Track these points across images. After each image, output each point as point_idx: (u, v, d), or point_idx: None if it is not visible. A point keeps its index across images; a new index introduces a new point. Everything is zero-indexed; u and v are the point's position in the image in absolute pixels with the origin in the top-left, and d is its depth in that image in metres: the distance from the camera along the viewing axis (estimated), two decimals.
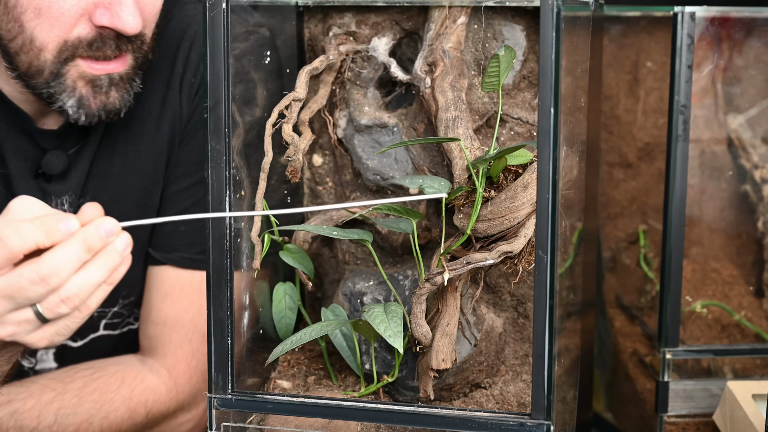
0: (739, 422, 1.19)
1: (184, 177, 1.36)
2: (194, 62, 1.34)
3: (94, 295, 0.98)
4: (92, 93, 1.22)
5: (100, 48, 1.19)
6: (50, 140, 1.31)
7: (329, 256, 1.20)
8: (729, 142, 1.39)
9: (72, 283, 0.96)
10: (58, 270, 0.95)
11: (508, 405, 1.08)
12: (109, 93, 1.22)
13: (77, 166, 1.32)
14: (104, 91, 1.22)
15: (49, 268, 0.95)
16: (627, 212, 1.50)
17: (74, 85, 1.21)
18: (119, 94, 1.23)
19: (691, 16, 1.26)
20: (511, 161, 1.02)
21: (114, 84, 1.22)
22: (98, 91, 1.22)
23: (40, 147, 1.31)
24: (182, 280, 1.36)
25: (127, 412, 1.31)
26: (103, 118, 1.24)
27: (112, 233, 0.97)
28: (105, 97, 1.22)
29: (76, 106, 1.22)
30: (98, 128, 1.32)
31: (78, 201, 1.33)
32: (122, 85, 1.24)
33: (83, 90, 1.21)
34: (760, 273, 1.40)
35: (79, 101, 1.22)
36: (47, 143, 1.31)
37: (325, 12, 1.16)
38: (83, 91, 1.21)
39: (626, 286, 1.50)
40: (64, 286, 0.96)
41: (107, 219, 0.97)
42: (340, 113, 1.17)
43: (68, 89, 1.21)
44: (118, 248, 0.98)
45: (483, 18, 1.11)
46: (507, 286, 1.12)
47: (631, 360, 1.43)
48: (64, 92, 1.21)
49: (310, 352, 1.18)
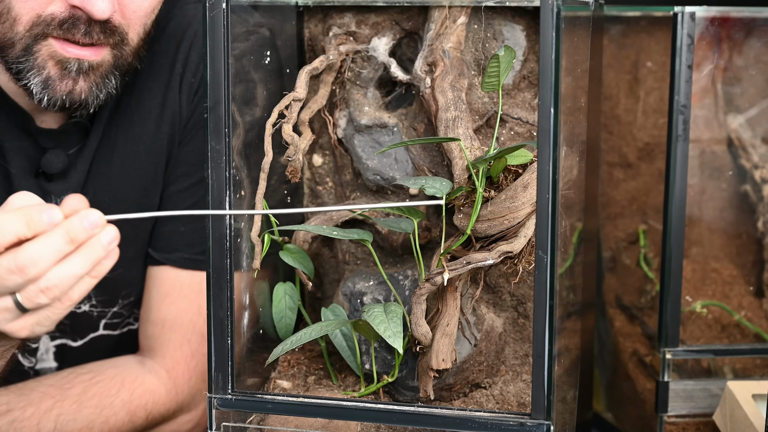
0: (739, 422, 1.19)
1: (184, 177, 1.36)
2: (194, 62, 1.34)
3: (76, 287, 0.98)
4: (59, 75, 1.20)
5: (70, 29, 1.18)
6: (50, 139, 1.31)
7: (329, 256, 1.20)
8: (729, 142, 1.39)
9: (52, 273, 0.96)
10: (37, 260, 0.95)
11: (508, 405, 1.08)
12: (77, 80, 1.20)
13: (77, 166, 1.32)
14: (72, 76, 1.20)
15: (28, 258, 0.94)
16: (627, 212, 1.50)
17: (43, 65, 1.20)
18: (87, 85, 1.21)
19: (691, 16, 1.26)
20: (511, 161, 1.02)
21: (83, 72, 1.20)
22: (66, 74, 1.20)
23: (40, 146, 1.31)
24: (182, 280, 1.36)
25: (127, 416, 1.31)
26: (67, 106, 1.22)
27: (97, 225, 0.97)
28: (72, 83, 1.20)
29: (41, 86, 1.20)
30: (98, 128, 1.32)
31: None
32: (93, 77, 1.22)
33: (52, 71, 1.20)
34: (760, 273, 1.40)
35: (45, 82, 1.20)
36: (47, 142, 1.31)
37: (325, 12, 1.16)
38: (51, 72, 1.20)
39: (626, 286, 1.50)
40: (44, 276, 0.96)
41: (92, 211, 0.97)
42: (340, 113, 1.17)
43: (37, 67, 1.20)
44: (103, 241, 0.97)
45: (483, 18, 1.11)
46: (507, 286, 1.12)
47: (631, 360, 1.43)
48: (32, 70, 1.20)
49: (310, 352, 1.18)
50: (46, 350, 1.40)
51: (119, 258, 1.36)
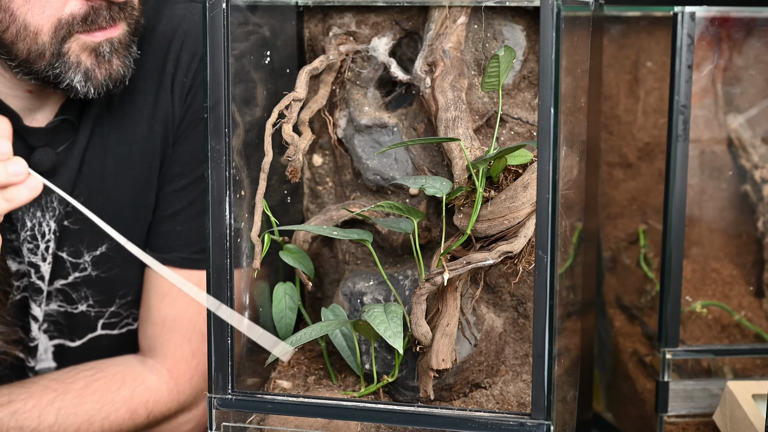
0: (739, 422, 1.19)
1: (179, 177, 1.36)
2: (185, 62, 1.34)
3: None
4: (96, 63, 1.23)
5: (95, 21, 1.20)
6: (39, 137, 1.31)
7: (329, 256, 1.20)
8: (729, 142, 1.39)
9: None
10: None
11: (508, 405, 1.08)
12: (112, 61, 1.23)
13: (66, 164, 1.32)
14: (107, 59, 1.23)
15: None
16: (627, 212, 1.50)
17: (78, 60, 1.22)
18: (120, 61, 1.24)
19: (691, 16, 1.25)
20: (511, 161, 1.02)
21: (115, 50, 1.23)
22: (102, 60, 1.23)
23: (29, 144, 1.31)
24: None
25: (128, 413, 1.31)
26: (111, 87, 1.25)
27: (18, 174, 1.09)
28: (109, 66, 1.23)
29: (83, 80, 1.23)
30: (87, 125, 1.32)
31: None
32: (122, 51, 1.25)
33: (87, 62, 1.22)
34: (760, 273, 1.40)
35: (86, 74, 1.22)
36: (36, 140, 1.31)
37: (325, 12, 1.16)
38: (88, 63, 1.22)
39: (626, 286, 1.50)
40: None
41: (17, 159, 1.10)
42: (340, 113, 1.17)
43: (73, 65, 1.22)
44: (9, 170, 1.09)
45: (483, 18, 1.11)
46: (507, 286, 1.12)
47: (631, 360, 1.43)
48: (69, 69, 1.22)
49: (310, 352, 1.18)
50: (44, 350, 1.40)
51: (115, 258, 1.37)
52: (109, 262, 1.37)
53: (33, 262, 1.34)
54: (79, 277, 1.37)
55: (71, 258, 1.36)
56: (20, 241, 1.33)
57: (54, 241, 1.34)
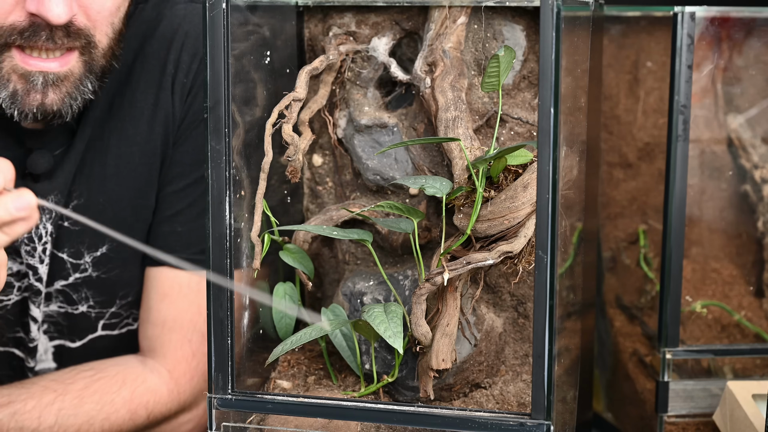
0: (739, 422, 1.19)
1: (180, 178, 1.36)
2: (185, 62, 1.34)
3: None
4: (25, 89, 1.19)
5: (31, 37, 1.16)
6: (35, 139, 1.31)
7: (329, 256, 1.20)
8: (729, 142, 1.39)
9: None
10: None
11: (508, 405, 1.08)
12: (46, 93, 1.19)
13: (63, 167, 1.32)
14: (40, 90, 1.19)
15: None
16: (627, 212, 1.50)
17: (8, 77, 1.19)
18: (59, 96, 1.20)
19: (691, 16, 1.25)
20: (511, 161, 1.02)
21: (50, 84, 1.19)
22: (32, 88, 1.19)
23: (26, 146, 1.31)
24: (180, 280, 1.36)
25: (128, 414, 1.31)
26: (40, 117, 1.21)
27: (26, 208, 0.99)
28: (41, 96, 1.19)
29: (9, 100, 1.19)
30: (85, 129, 1.32)
31: (65, 201, 1.33)
32: (64, 88, 1.20)
33: (17, 85, 1.19)
34: (760, 273, 1.40)
35: (13, 96, 1.19)
36: (32, 143, 1.31)
37: (325, 12, 1.16)
38: (17, 86, 1.19)
39: (626, 286, 1.50)
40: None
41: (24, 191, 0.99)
42: (340, 113, 1.17)
43: (2, 80, 1.19)
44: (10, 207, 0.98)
45: (483, 18, 1.11)
46: (507, 286, 1.12)
47: (631, 360, 1.43)
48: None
49: (310, 352, 1.18)
50: (44, 350, 1.40)
51: (116, 259, 1.37)
52: (109, 262, 1.37)
53: (30, 264, 1.34)
54: (79, 278, 1.37)
55: (71, 259, 1.36)
56: (18, 242, 1.33)
57: (51, 242, 1.34)
